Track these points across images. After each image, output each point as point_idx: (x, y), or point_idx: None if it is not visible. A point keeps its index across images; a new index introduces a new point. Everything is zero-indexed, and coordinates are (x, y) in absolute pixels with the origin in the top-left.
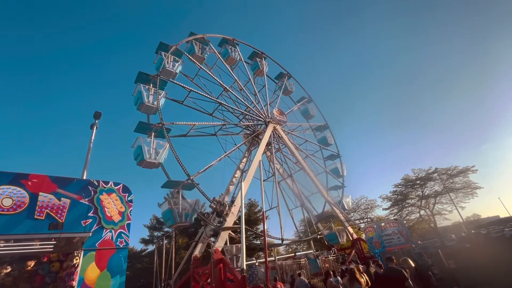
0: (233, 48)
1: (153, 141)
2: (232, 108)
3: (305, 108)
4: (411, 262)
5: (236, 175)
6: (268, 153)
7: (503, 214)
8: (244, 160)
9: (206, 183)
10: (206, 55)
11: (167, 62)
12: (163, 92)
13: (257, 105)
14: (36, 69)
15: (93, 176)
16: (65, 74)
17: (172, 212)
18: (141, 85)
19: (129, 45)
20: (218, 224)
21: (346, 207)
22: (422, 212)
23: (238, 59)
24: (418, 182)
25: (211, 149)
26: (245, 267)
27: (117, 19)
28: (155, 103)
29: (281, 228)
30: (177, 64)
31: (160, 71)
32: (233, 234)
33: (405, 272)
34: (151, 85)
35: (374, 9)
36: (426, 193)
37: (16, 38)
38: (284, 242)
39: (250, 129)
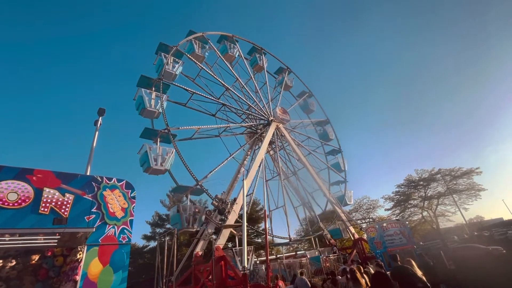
0: (232, 44)
1: (158, 147)
2: (235, 108)
3: (305, 102)
4: (414, 263)
5: (238, 174)
6: (272, 152)
7: (506, 217)
8: (247, 158)
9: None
10: (206, 54)
11: (167, 63)
12: (165, 95)
13: (259, 103)
14: (39, 62)
15: (96, 172)
16: (67, 68)
17: (181, 217)
18: (142, 89)
19: (135, 38)
20: (220, 222)
21: (348, 202)
22: (424, 213)
23: (237, 55)
24: (421, 183)
25: (214, 148)
26: (246, 265)
27: (118, 12)
28: (157, 107)
29: (288, 227)
30: (177, 66)
31: (160, 73)
32: (235, 232)
33: (412, 269)
34: (153, 88)
35: (375, 9)
36: (429, 194)
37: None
38: (291, 241)
39: (253, 129)
